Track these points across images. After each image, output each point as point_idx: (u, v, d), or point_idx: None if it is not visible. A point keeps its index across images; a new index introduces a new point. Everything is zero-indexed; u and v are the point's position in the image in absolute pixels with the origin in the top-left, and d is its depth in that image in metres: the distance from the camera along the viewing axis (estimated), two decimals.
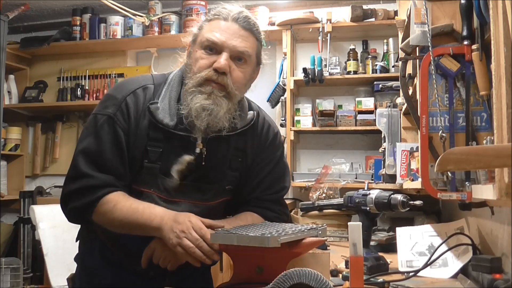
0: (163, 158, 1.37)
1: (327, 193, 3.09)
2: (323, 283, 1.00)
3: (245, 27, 1.37)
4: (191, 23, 3.90)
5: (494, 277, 1.20)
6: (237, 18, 1.36)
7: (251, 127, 1.47)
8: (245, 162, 1.48)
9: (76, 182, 1.34)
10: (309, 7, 3.79)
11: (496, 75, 1.04)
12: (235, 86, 1.36)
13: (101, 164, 1.34)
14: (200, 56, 1.36)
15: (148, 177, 1.37)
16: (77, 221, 1.42)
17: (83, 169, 1.33)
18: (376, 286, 1.41)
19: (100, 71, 4.33)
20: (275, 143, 1.55)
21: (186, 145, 1.38)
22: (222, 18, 1.37)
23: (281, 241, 1.11)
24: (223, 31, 1.35)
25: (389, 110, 2.78)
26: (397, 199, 1.55)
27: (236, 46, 1.35)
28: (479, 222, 1.64)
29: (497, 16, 1.04)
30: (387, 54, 3.57)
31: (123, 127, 1.36)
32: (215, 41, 1.34)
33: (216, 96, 1.34)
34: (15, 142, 4.36)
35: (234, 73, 1.36)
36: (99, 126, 1.36)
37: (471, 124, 1.38)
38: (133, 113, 1.36)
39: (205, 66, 1.35)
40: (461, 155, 0.91)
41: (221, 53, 1.34)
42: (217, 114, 1.34)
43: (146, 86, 1.41)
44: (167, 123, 1.36)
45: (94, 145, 1.35)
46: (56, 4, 4.20)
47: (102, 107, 1.40)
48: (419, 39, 1.49)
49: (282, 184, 1.57)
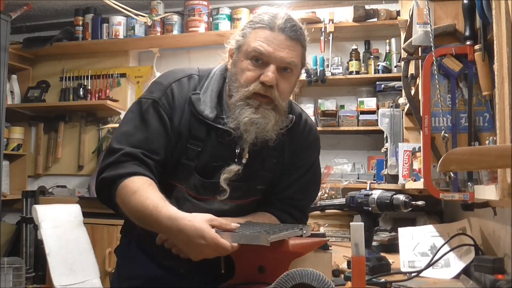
0: (200, 157, 1.37)
1: (329, 193, 3.09)
2: (325, 283, 1.00)
3: (292, 37, 1.33)
4: (193, 23, 3.91)
5: (497, 277, 1.20)
6: (284, 28, 1.32)
7: (290, 129, 1.45)
8: (280, 163, 1.46)
9: (109, 157, 1.32)
10: (311, 7, 3.79)
11: (498, 75, 1.03)
12: (281, 97, 1.35)
13: (145, 148, 1.32)
14: (247, 67, 1.34)
15: (182, 173, 1.37)
16: (104, 199, 1.36)
17: (115, 145, 1.33)
18: (378, 286, 1.41)
19: (102, 71, 4.34)
20: (313, 146, 1.53)
21: (224, 143, 1.37)
22: (268, 28, 1.33)
23: (271, 239, 1.11)
24: (270, 41, 1.31)
25: (391, 110, 2.78)
26: (399, 200, 1.55)
27: (283, 58, 1.32)
28: (482, 222, 1.63)
29: (499, 16, 1.04)
30: (389, 54, 3.57)
31: (167, 112, 1.36)
32: (262, 52, 1.31)
33: (264, 109, 1.34)
34: (17, 142, 4.37)
35: (281, 84, 1.34)
36: (144, 110, 1.37)
37: (473, 124, 1.38)
38: (177, 99, 1.37)
39: (253, 79, 1.33)
40: (464, 155, 0.91)
41: (268, 65, 1.32)
42: (265, 127, 1.33)
43: (192, 76, 1.42)
44: (207, 114, 1.36)
45: (138, 128, 1.35)
46: (58, 4, 4.21)
47: (147, 93, 1.41)
48: (422, 39, 1.49)
49: (311, 194, 1.55)
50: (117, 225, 1.48)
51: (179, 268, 1.39)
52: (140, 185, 1.26)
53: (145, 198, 1.23)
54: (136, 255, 1.45)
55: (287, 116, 1.45)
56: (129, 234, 1.49)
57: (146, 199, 1.23)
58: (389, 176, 2.70)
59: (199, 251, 1.17)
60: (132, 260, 1.47)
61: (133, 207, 1.25)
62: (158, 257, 1.42)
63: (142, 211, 1.23)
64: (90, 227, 3.32)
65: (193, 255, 1.19)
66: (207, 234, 1.14)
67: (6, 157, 4.16)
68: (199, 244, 1.15)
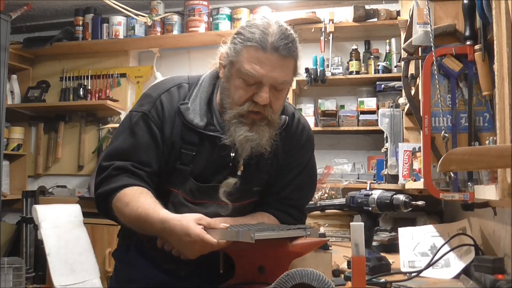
0: (195, 161, 1.38)
1: (329, 193, 3.09)
2: (325, 283, 1.00)
3: (285, 56, 1.31)
4: (193, 23, 3.91)
5: (497, 277, 1.20)
6: (277, 48, 1.29)
7: (283, 130, 1.46)
8: (275, 165, 1.47)
9: (102, 173, 1.37)
10: (311, 7, 3.79)
11: (498, 75, 1.03)
12: (274, 114, 1.36)
13: (135, 160, 1.35)
14: (240, 85, 1.33)
15: (178, 178, 1.39)
16: (104, 212, 1.40)
17: (104, 162, 1.37)
18: (378, 286, 1.41)
19: (102, 71, 4.34)
20: (306, 145, 1.53)
21: (217, 148, 1.38)
22: (261, 48, 1.29)
23: (256, 237, 1.11)
24: (263, 63, 1.30)
25: (391, 110, 2.78)
26: (399, 200, 1.55)
27: (276, 79, 1.32)
28: (482, 222, 1.63)
29: (500, 16, 1.04)
30: (389, 54, 3.57)
31: (157, 124, 1.38)
32: (255, 75, 1.30)
33: (258, 126, 1.35)
34: (17, 142, 4.37)
35: (274, 102, 1.35)
36: (133, 123, 1.38)
37: (473, 124, 1.38)
38: (167, 111, 1.39)
39: (246, 98, 1.33)
40: (464, 155, 0.91)
41: (262, 86, 1.31)
42: (260, 142, 1.35)
43: (181, 85, 1.44)
44: (197, 123, 1.37)
45: (128, 142, 1.37)
46: (58, 4, 4.21)
47: (138, 105, 1.43)
48: (422, 39, 1.49)
49: (307, 193, 1.56)
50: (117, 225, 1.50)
51: (180, 271, 1.41)
52: (131, 196, 1.30)
53: (137, 207, 1.27)
54: (135, 259, 1.46)
55: (280, 118, 1.45)
56: (127, 239, 1.50)
57: (137, 209, 1.27)
58: (389, 176, 2.70)
59: (189, 248, 1.20)
60: (131, 264, 1.48)
61: (128, 218, 1.30)
62: (158, 261, 1.43)
63: (136, 220, 1.28)
64: (90, 227, 3.32)
65: (187, 253, 1.23)
66: (192, 231, 1.18)
67: (6, 157, 4.16)
68: (187, 242, 1.19)
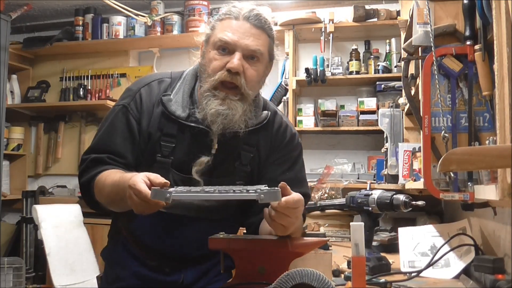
0: (175, 153, 1.40)
1: (329, 193, 3.09)
2: (325, 283, 1.00)
3: (256, 25, 1.38)
4: (193, 23, 3.91)
5: (497, 277, 1.20)
6: (248, 17, 1.37)
7: (265, 126, 1.47)
8: (257, 158, 1.48)
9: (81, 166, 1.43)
10: (311, 7, 3.79)
11: (498, 75, 1.03)
12: (248, 86, 1.37)
13: (112, 151, 1.39)
14: (214, 56, 1.37)
15: (159, 171, 1.37)
16: (89, 201, 1.46)
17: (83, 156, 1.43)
18: (378, 286, 1.41)
19: (102, 71, 4.34)
20: (293, 143, 1.54)
21: (198, 138, 1.40)
22: (234, 17, 1.38)
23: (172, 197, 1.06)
24: (235, 30, 1.36)
25: (391, 110, 2.78)
26: (399, 200, 1.55)
27: (248, 45, 1.36)
28: (482, 222, 1.63)
29: (500, 16, 1.04)
30: (389, 54, 3.57)
31: (135, 116, 1.42)
32: (227, 41, 1.35)
33: (230, 101, 1.36)
34: (17, 142, 4.37)
35: (247, 72, 1.37)
36: (113, 116, 1.44)
37: (473, 124, 1.38)
38: (145, 103, 1.43)
39: (219, 67, 1.36)
40: (464, 155, 0.91)
41: (234, 53, 1.35)
42: (232, 118, 1.36)
43: (162, 80, 1.48)
44: (179, 114, 1.40)
45: (107, 134, 1.42)
46: (58, 4, 4.21)
47: (120, 99, 1.48)
48: (422, 39, 1.49)
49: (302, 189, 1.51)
50: None
51: (163, 267, 1.44)
52: (106, 175, 1.33)
53: (110, 180, 1.29)
54: (121, 257, 1.49)
55: (262, 112, 1.48)
56: (115, 237, 1.53)
57: (110, 181, 1.29)
58: (389, 176, 2.70)
59: (132, 202, 1.15)
60: (117, 262, 1.50)
61: (105, 196, 1.33)
62: (143, 258, 1.46)
63: (110, 192, 1.29)
64: (90, 227, 3.31)
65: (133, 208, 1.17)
66: (131, 181, 1.14)
67: (6, 157, 4.17)
68: (129, 195, 1.15)
